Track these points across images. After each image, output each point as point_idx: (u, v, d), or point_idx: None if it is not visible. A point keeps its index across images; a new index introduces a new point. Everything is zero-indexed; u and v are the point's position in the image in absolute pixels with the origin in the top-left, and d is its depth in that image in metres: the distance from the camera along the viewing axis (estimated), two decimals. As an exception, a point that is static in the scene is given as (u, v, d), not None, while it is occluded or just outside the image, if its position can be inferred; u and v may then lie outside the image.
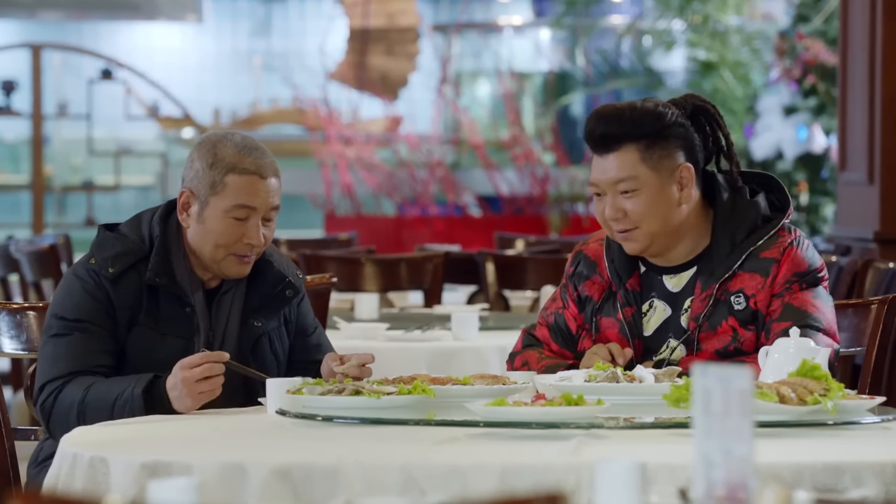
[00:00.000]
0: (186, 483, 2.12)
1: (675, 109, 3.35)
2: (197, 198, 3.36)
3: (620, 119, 3.31)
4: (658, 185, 3.32)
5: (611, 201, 3.33)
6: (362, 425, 2.94)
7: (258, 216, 3.36)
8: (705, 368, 2.05)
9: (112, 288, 3.34)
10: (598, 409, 2.86)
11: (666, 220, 3.33)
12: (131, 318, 3.34)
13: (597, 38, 13.32)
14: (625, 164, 3.31)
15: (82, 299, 3.33)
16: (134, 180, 14.72)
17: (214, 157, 3.35)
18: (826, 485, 2.55)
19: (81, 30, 15.82)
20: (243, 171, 3.34)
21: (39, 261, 6.78)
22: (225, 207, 3.35)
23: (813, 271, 3.37)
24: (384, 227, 11.41)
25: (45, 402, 3.31)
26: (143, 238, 3.38)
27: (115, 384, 3.28)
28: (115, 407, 3.24)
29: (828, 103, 10.20)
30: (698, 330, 3.35)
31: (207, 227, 3.36)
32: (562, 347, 3.48)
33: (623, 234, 3.35)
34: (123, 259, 3.35)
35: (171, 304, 3.36)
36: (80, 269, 3.38)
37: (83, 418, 3.26)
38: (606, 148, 3.32)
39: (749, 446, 2.03)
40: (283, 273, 3.46)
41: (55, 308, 3.36)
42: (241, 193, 3.34)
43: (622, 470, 2.12)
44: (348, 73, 14.10)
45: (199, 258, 3.39)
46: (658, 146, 3.32)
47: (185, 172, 3.39)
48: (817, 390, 2.89)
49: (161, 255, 3.36)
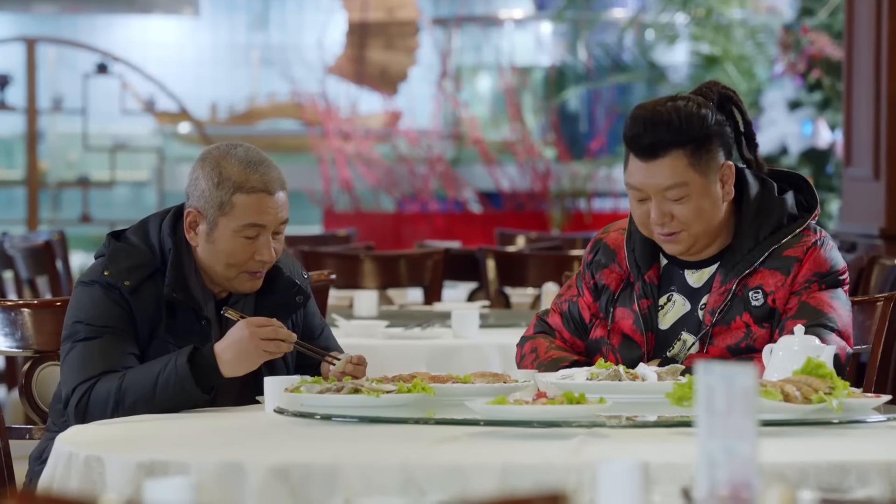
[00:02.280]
0: (183, 483, 2.10)
1: (711, 106, 3.32)
2: (205, 218, 3.34)
3: (668, 125, 3.27)
4: (706, 189, 3.30)
5: (657, 206, 3.30)
6: (361, 424, 2.93)
7: (268, 232, 3.34)
8: (709, 366, 2.04)
9: (132, 300, 3.32)
10: (600, 408, 2.85)
11: (711, 221, 3.33)
12: (151, 330, 3.33)
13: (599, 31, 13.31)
14: (674, 172, 3.28)
15: (108, 307, 3.31)
16: (130, 176, 14.70)
17: (220, 176, 3.32)
18: (831, 484, 2.54)
19: (76, 23, 15.81)
20: (251, 189, 3.31)
21: (34, 257, 6.76)
22: (234, 228, 3.32)
23: (834, 273, 3.35)
24: (383, 224, 11.40)
25: (80, 403, 3.26)
26: (154, 249, 3.36)
27: (151, 366, 3.26)
28: (158, 384, 3.22)
29: (833, 98, 10.17)
30: (713, 324, 3.33)
31: (218, 248, 3.34)
32: (573, 335, 3.47)
33: (668, 237, 3.32)
34: (138, 272, 3.33)
35: (188, 317, 3.35)
36: (97, 279, 3.34)
37: (122, 405, 3.23)
38: (653, 155, 3.28)
39: (753, 445, 2.02)
40: (293, 280, 3.45)
41: (79, 315, 3.32)
42: (251, 213, 3.32)
43: (624, 469, 2.11)
44: (347, 67, 14.09)
45: (209, 274, 3.38)
46: (704, 149, 3.30)
47: (190, 190, 3.36)
48: (822, 388, 2.87)
49: (177, 270, 3.34)
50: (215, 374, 3.23)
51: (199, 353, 3.24)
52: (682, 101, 3.31)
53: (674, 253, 3.36)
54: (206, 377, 3.23)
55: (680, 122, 3.27)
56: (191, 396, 3.22)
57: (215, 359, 3.22)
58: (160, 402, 3.22)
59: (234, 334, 3.23)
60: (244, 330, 3.22)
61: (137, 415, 3.21)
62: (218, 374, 3.23)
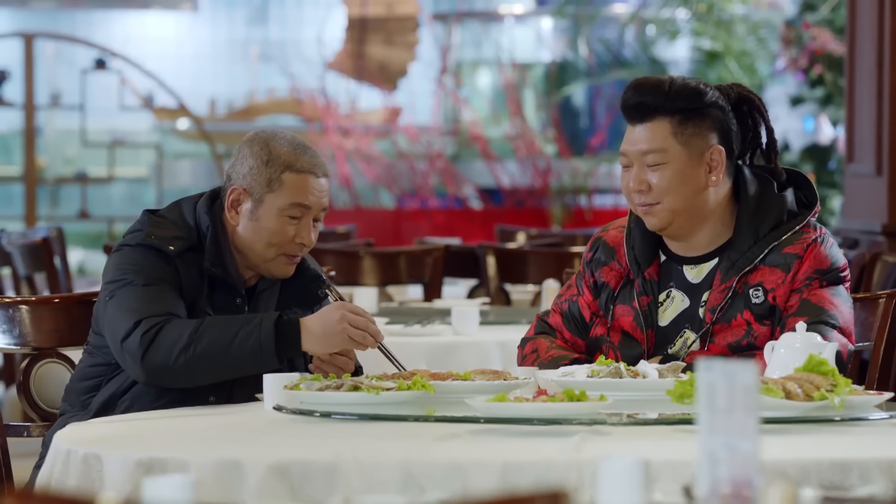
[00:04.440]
0: (182, 480, 2.10)
1: (717, 92, 3.34)
2: (251, 195, 3.37)
3: (657, 90, 3.30)
4: (685, 162, 3.31)
5: (637, 172, 3.32)
6: (361, 421, 2.92)
7: (311, 216, 3.38)
8: (710, 363, 2.03)
9: (180, 265, 3.33)
10: (601, 406, 2.85)
11: (689, 200, 3.31)
12: (193, 301, 3.34)
13: (599, 27, 13.29)
14: (655, 136, 3.30)
15: (159, 264, 3.32)
16: (128, 172, 14.68)
17: (270, 155, 3.37)
18: (833, 482, 2.54)
19: (74, 18, 15.79)
20: (300, 169, 3.36)
21: (32, 254, 6.74)
22: (281, 205, 3.36)
23: (835, 270, 3.34)
24: (383, 220, 11.39)
25: (147, 333, 3.23)
26: (190, 226, 3.38)
27: (231, 319, 3.26)
28: (237, 338, 3.22)
29: (835, 94, 10.16)
30: (713, 322, 3.32)
31: (261, 225, 3.37)
32: (574, 335, 3.47)
33: (644, 209, 3.33)
34: (179, 242, 3.35)
35: (226, 294, 3.37)
36: (142, 241, 3.33)
37: (193, 348, 3.21)
38: (639, 118, 3.31)
39: (754, 443, 2.02)
40: (317, 273, 3.48)
41: (130, 268, 3.30)
42: (298, 192, 3.36)
43: (625, 467, 2.11)
44: (346, 62, 14.07)
45: (244, 256, 3.40)
46: (692, 123, 3.31)
47: (235, 169, 3.39)
48: (824, 386, 2.86)
49: (216, 245, 3.36)
50: (296, 345, 3.24)
51: (284, 320, 3.25)
52: (684, 77, 3.35)
53: (651, 227, 3.35)
54: (287, 344, 3.24)
55: (671, 89, 3.30)
56: (265, 360, 3.22)
57: (300, 329, 3.23)
58: (232, 358, 3.21)
59: (327, 313, 3.25)
60: (338, 311, 3.24)
61: (204, 366, 3.19)
62: (298, 345, 3.24)
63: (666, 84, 3.30)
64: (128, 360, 3.26)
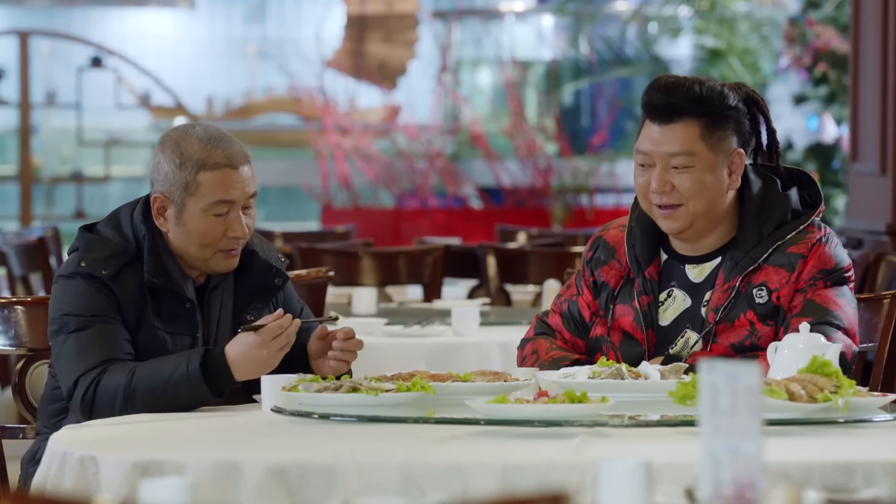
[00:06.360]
0: (179, 483, 2.09)
1: (734, 95, 3.33)
2: (172, 201, 3.31)
3: (688, 92, 3.29)
4: (712, 165, 3.30)
5: (659, 173, 3.29)
6: (360, 423, 2.91)
7: (237, 208, 3.32)
8: (712, 365, 2.01)
9: (115, 287, 3.30)
10: (602, 407, 2.84)
11: (711, 203, 3.31)
12: (138, 317, 3.31)
13: (601, 24, 13.28)
14: (685, 138, 3.28)
15: (94, 297, 3.29)
16: (124, 171, 14.67)
17: (182, 157, 3.30)
18: (837, 484, 2.53)
19: (70, 16, 15.78)
20: (214, 165, 3.30)
21: (27, 254, 6.73)
22: (203, 207, 3.30)
23: (839, 270, 3.33)
24: (382, 220, 11.38)
25: (85, 396, 3.23)
26: (128, 238, 3.34)
27: (161, 364, 3.23)
28: (170, 386, 3.19)
29: (839, 92, 10.14)
30: (716, 321, 3.30)
31: (189, 229, 3.32)
32: (574, 335, 3.45)
33: (665, 211, 3.30)
34: (114, 261, 3.31)
35: (172, 302, 3.33)
36: (76, 270, 3.31)
37: (131, 403, 3.20)
38: (667, 118, 3.29)
39: (757, 444, 2.01)
40: (269, 262, 3.44)
41: (65, 307, 3.30)
42: (217, 189, 3.30)
43: (626, 469, 2.10)
44: (345, 60, 14.06)
45: (184, 258, 3.36)
46: (718, 126, 3.30)
47: (154, 176, 3.34)
48: (828, 387, 2.85)
49: (154, 255, 3.32)
50: (228, 379, 3.21)
51: (210, 358, 3.21)
52: (706, 77, 3.34)
53: (670, 230, 3.33)
54: (219, 382, 3.21)
55: (701, 91, 3.29)
56: (204, 399, 3.21)
57: (227, 364, 3.20)
58: (172, 402, 3.20)
59: (242, 338, 3.21)
60: (248, 338, 3.20)
61: (149, 410, 3.19)
62: (231, 379, 3.21)
63: (695, 87, 3.28)
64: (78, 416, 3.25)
